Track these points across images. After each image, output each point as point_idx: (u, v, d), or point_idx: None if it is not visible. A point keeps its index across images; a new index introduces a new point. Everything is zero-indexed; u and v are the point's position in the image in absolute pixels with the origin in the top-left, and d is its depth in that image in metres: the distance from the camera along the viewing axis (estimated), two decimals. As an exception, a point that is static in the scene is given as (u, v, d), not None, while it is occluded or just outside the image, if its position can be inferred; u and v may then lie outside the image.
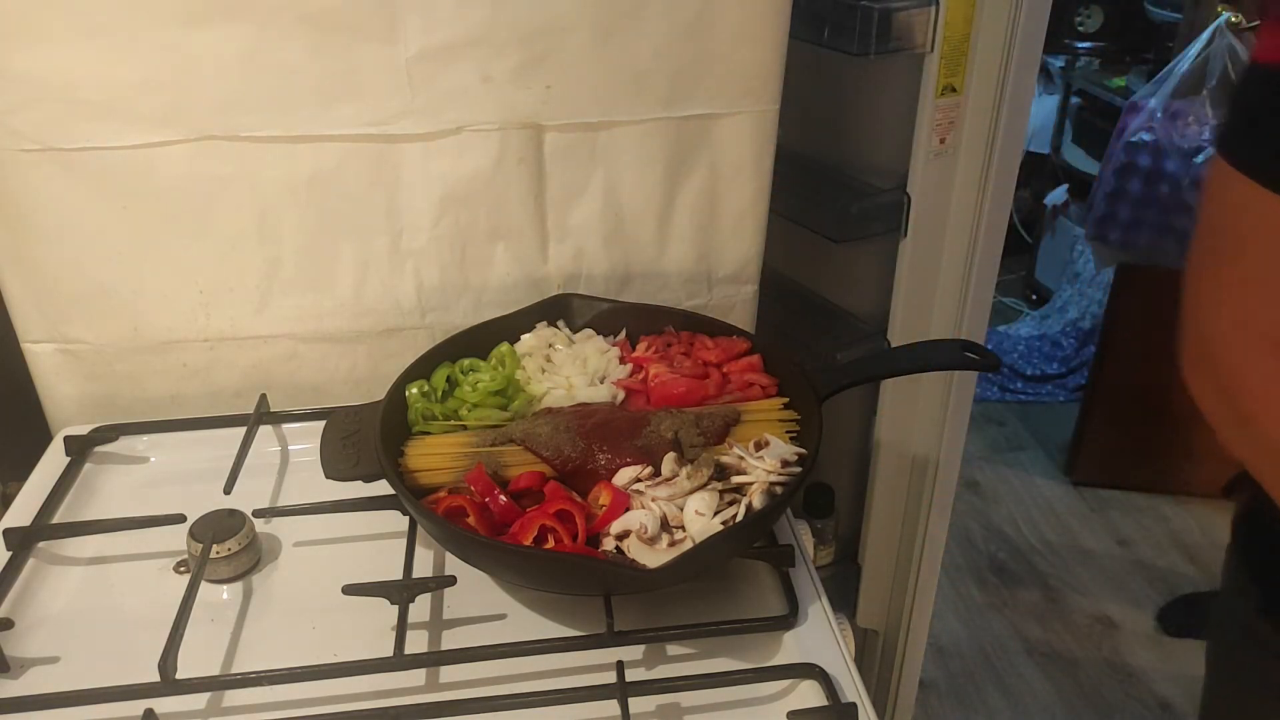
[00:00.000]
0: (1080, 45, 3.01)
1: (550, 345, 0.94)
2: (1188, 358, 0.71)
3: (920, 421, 1.31)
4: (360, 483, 0.80)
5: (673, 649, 0.74)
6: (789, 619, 0.74)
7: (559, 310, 0.97)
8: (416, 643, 0.74)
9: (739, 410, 0.83)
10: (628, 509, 0.74)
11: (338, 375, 1.03)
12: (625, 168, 0.99)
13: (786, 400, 0.86)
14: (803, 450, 0.78)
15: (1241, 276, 0.67)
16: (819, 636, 0.74)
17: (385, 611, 0.73)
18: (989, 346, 0.87)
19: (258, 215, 0.93)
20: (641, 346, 0.94)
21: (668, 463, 0.77)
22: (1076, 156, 3.09)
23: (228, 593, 0.80)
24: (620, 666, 0.69)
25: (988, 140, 1.12)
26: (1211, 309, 0.70)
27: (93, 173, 0.88)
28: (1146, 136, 2.02)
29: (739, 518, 0.73)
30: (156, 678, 0.68)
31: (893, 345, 1.24)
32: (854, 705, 0.67)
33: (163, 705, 0.67)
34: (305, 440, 0.95)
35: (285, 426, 0.98)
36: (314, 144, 0.91)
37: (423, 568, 0.81)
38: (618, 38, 0.91)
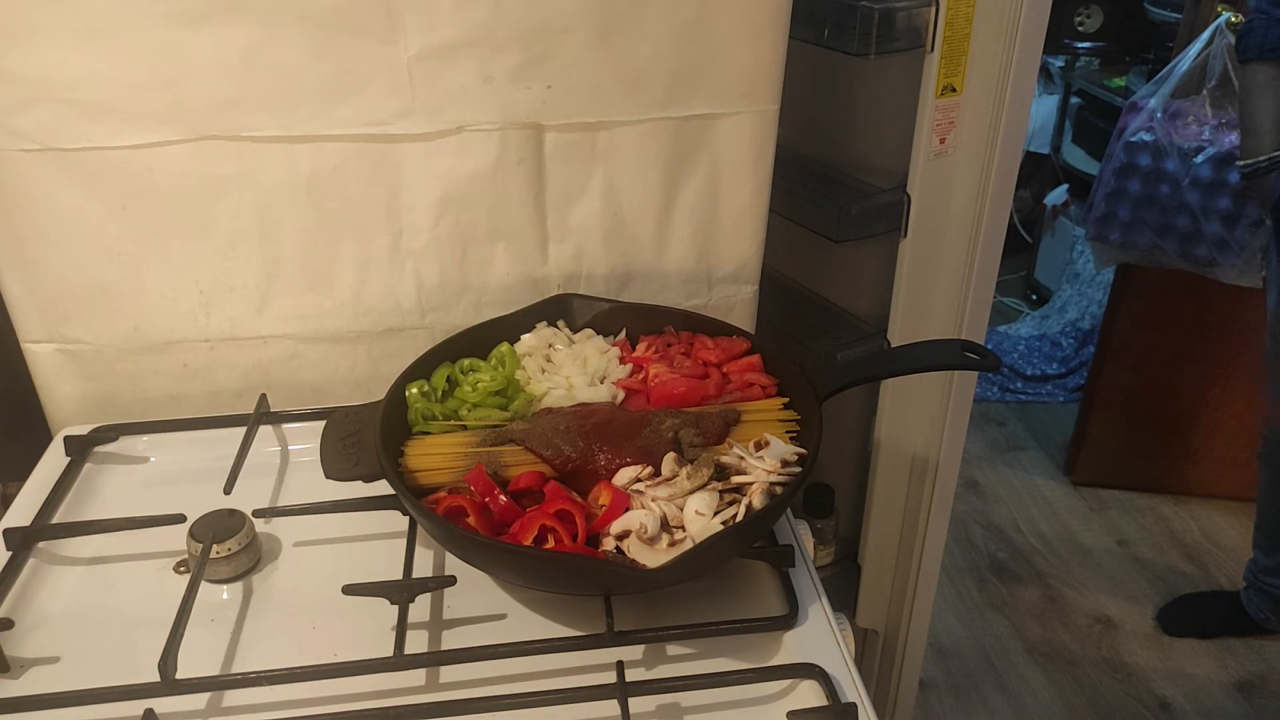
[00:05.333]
0: (1080, 45, 3.01)
1: (550, 345, 0.94)
2: None
3: (920, 421, 1.31)
4: (360, 483, 0.80)
5: (673, 649, 0.74)
6: (789, 619, 0.74)
7: (559, 310, 0.97)
8: (416, 643, 0.74)
9: (739, 410, 0.83)
10: (628, 509, 0.74)
11: (338, 375, 1.03)
12: (625, 168, 0.99)
13: (786, 400, 0.86)
14: (803, 450, 0.78)
15: None
16: (819, 636, 0.74)
17: (385, 611, 0.73)
18: (989, 346, 0.86)
19: (258, 215, 0.93)
20: (641, 346, 0.94)
21: (668, 463, 0.77)
22: (1076, 156, 3.09)
23: (228, 593, 0.80)
24: (620, 666, 0.69)
25: (988, 140, 1.12)
26: None
27: (93, 173, 0.88)
28: (1146, 136, 2.02)
29: (739, 518, 0.73)
30: (156, 678, 0.68)
31: (893, 345, 1.24)
32: (854, 705, 0.67)
33: (163, 705, 0.67)
34: (305, 440, 0.95)
35: (285, 426, 0.98)
36: (314, 144, 0.91)
37: (423, 568, 0.81)
38: (617, 38, 0.91)
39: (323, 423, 0.85)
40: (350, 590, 0.73)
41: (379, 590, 0.73)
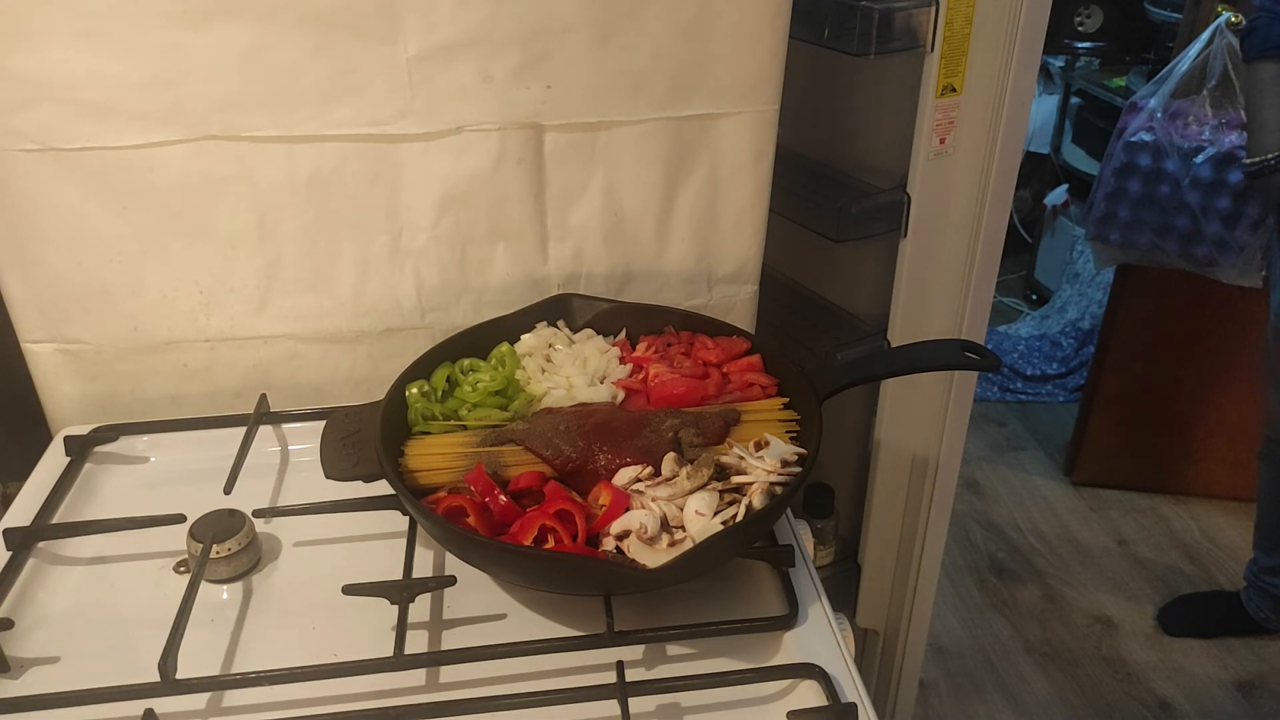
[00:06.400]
0: (1080, 45, 3.02)
1: (550, 345, 0.94)
2: None
3: (920, 421, 1.31)
4: (360, 483, 0.80)
5: (673, 649, 0.74)
6: (789, 619, 0.74)
7: (559, 310, 0.97)
8: (416, 643, 0.74)
9: (739, 410, 0.83)
10: (628, 509, 0.74)
11: (338, 375, 1.03)
12: (625, 168, 0.99)
13: (786, 400, 0.86)
14: (803, 450, 0.78)
15: None
16: (819, 636, 0.74)
17: (385, 611, 0.73)
18: (989, 346, 0.86)
19: (258, 215, 0.93)
20: (641, 346, 0.94)
21: (668, 463, 0.77)
22: (1076, 156, 3.09)
23: (228, 593, 0.80)
24: (620, 666, 0.69)
25: (988, 140, 1.12)
26: None
27: (93, 173, 0.88)
28: (1146, 136, 2.02)
29: (739, 518, 0.73)
30: (156, 678, 0.68)
31: (893, 345, 1.24)
32: (854, 705, 0.67)
33: (163, 705, 0.67)
34: (305, 440, 0.95)
35: (285, 426, 0.98)
36: (314, 144, 0.91)
37: (423, 568, 0.81)
38: (617, 38, 0.91)
39: (323, 423, 0.85)
40: (350, 590, 0.73)
41: (379, 590, 0.73)
